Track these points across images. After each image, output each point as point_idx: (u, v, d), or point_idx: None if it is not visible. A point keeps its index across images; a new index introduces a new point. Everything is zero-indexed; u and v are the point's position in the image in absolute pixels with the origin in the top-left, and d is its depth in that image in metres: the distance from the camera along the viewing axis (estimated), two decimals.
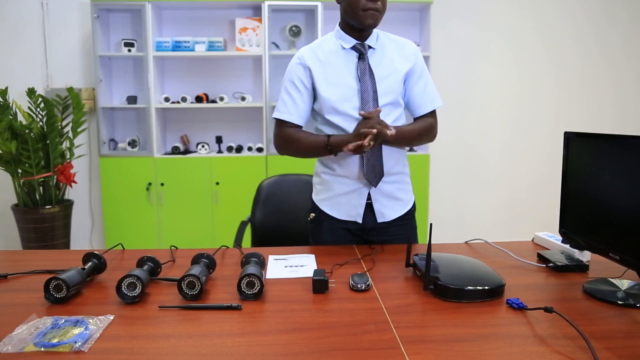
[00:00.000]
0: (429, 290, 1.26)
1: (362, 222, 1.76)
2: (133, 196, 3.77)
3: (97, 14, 3.66)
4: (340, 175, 1.75)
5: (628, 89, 4.30)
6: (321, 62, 1.72)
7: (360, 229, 1.78)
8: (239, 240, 2.12)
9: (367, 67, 1.69)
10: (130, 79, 4.00)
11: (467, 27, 4.11)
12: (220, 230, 3.80)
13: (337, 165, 1.75)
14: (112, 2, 3.70)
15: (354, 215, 1.77)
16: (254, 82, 4.02)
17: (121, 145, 3.91)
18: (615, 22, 4.24)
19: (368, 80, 1.68)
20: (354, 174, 1.73)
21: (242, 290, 1.23)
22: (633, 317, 1.14)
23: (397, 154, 1.77)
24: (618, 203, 1.30)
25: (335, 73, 1.71)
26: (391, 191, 1.77)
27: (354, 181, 1.74)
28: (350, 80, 1.69)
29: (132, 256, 1.58)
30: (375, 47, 1.73)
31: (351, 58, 1.71)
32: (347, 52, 1.72)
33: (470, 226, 4.31)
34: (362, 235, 1.80)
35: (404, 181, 1.82)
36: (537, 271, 1.48)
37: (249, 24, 3.80)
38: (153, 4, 3.69)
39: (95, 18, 3.64)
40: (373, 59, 1.72)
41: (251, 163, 3.81)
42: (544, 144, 4.10)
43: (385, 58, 1.73)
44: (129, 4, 3.72)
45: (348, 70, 1.70)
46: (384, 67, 1.71)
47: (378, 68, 1.70)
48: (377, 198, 1.75)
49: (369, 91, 1.67)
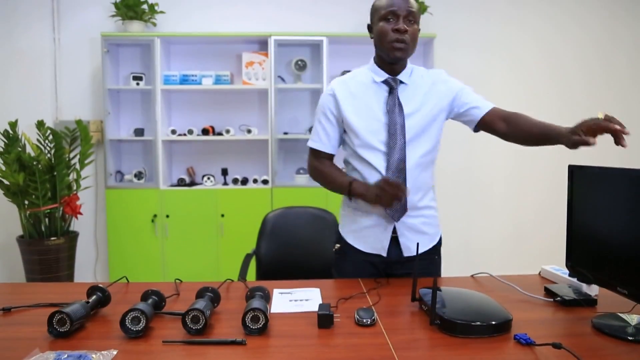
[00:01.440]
0: (435, 325, 1.25)
1: (387, 255, 1.76)
2: (138, 228, 3.77)
3: (107, 49, 3.74)
4: (366, 210, 1.76)
5: (635, 117, 4.32)
6: (352, 94, 1.75)
7: (384, 262, 1.77)
8: (244, 273, 2.11)
9: (397, 102, 1.70)
10: (138, 112, 4.06)
11: (470, 57, 4.16)
12: (225, 262, 3.78)
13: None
14: (122, 37, 3.79)
15: (379, 249, 1.76)
16: (260, 115, 4.07)
17: (127, 177, 3.94)
18: (619, 47, 4.28)
19: (397, 115, 1.69)
20: (378, 209, 1.73)
21: (247, 325, 1.22)
22: None
23: (424, 188, 1.76)
24: (624, 236, 1.30)
25: (364, 105, 1.73)
26: (417, 225, 1.76)
27: (378, 214, 1.74)
28: (379, 113, 1.71)
29: (136, 289, 1.57)
30: (408, 82, 1.74)
31: (381, 92, 1.73)
32: (379, 85, 1.74)
33: (476, 258, 4.27)
34: (385, 269, 1.79)
35: (430, 215, 1.81)
36: (545, 305, 1.46)
37: (256, 58, 3.87)
38: (162, 38, 3.77)
39: (105, 52, 3.72)
40: (404, 93, 1.73)
41: (256, 195, 3.82)
42: (550, 173, 4.10)
43: (417, 94, 1.73)
44: (138, 39, 3.81)
45: (377, 104, 1.72)
46: (414, 102, 1.72)
47: (408, 103, 1.71)
48: (403, 232, 1.74)
49: (397, 126, 1.68)
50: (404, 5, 1.64)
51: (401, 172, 1.68)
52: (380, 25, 1.67)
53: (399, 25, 1.63)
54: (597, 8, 4.25)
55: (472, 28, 4.18)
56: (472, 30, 4.18)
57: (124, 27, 3.82)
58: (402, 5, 1.64)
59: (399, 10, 1.64)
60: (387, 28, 1.65)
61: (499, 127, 1.71)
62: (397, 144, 1.67)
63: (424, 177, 1.75)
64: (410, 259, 1.74)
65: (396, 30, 1.64)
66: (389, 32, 1.65)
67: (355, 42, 3.98)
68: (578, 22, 4.25)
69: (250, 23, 4.02)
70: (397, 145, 1.67)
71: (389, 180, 1.58)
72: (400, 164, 1.67)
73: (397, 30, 1.63)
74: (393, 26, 1.64)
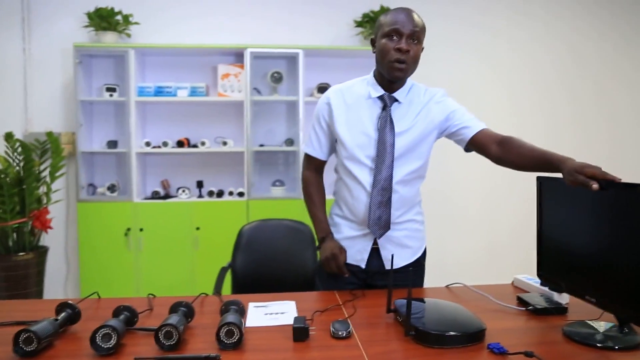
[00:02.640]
0: (410, 336, 1.26)
1: (365, 267, 1.77)
2: (111, 242, 3.70)
3: (79, 60, 3.69)
4: (349, 219, 1.78)
5: (594, 133, 4.44)
6: (346, 105, 1.75)
7: (364, 272, 1.78)
8: (219, 287, 2.08)
9: (389, 120, 1.69)
10: (112, 124, 4.00)
11: (445, 74, 4.22)
12: (201, 276, 3.73)
13: (347, 210, 1.78)
14: (95, 48, 3.74)
15: (358, 260, 1.77)
16: (236, 127, 4.05)
17: (100, 190, 3.87)
18: (600, 65, 4.41)
19: (387, 133, 1.68)
20: (361, 220, 1.74)
21: (221, 340, 1.21)
22: None
23: (409, 204, 1.78)
24: (591, 246, 1.33)
25: (356, 118, 1.73)
26: (399, 238, 1.78)
27: (361, 226, 1.75)
28: (370, 129, 1.71)
29: (108, 305, 1.54)
30: (403, 100, 1.72)
31: (375, 107, 1.73)
32: (374, 100, 1.73)
33: (451, 270, 4.29)
34: (366, 279, 1.80)
35: (414, 229, 1.82)
36: (517, 314, 1.48)
37: (231, 70, 3.87)
38: (136, 50, 3.74)
39: (77, 63, 3.67)
40: (397, 112, 1.72)
41: (232, 208, 3.79)
42: (522, 185, 4.17)
43: (411, 112, 1.72)
44: (112, 50, 3.77)
45: (369, 119, 1.72)
46: (406, 121, 1.71)
47: (400, 122, 1.71)
48: (384, 245, 1.76)
49: (386, 144, 1.68)
50: (408, 24, 1.61)
51: (386, 190, 1.69)
52: (383, 42, 1.64)
53: (401, 45, 1.60)
54: (573, 19, 4.39)
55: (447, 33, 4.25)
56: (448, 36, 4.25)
57: (97, 37, 3.78)
58: (406, 24, 1.61)
59: (403, 28, 1.60)
60: (389, 46, 1.62)
61: (493, 151, 1.67)
62: (385, 162, 1.68)
63: (409, 192, 1.76)
64: (395, 271, 1.74)
65: (398, 49, 1.61)
66: (390, 50, 1.62)
67: (332, 55, 4.02)
68: (556, 33, 4.37)
69: (226, 35, 4.02)
70: (385, 163, 1.68)
71: (339, 259, 1.70)
72: (386, 182, 1.69)
73: (399, 50, 1.61)
74: (395, 45, 1.61)
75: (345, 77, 1.92)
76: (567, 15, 4.37)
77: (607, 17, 4.42)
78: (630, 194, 1.20)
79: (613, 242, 1.25)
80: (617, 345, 1.20)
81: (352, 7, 4.03)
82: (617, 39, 4.43)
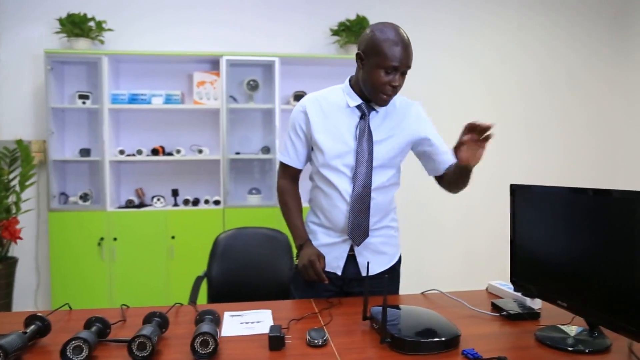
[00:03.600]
0: (385, 343, 1.26)
1: (342, 274, 1.77)
2: (84, 252, 3.62)
3: (51, 66, 3.63)
4: (326, 227, 1.79)
5: (573, 139, 4.55)
6: (323, 113, 1.75)
7: (341, 279, 1.78)
8: (194, 296, 2.06)
9: (367, 129, 1.70)
10: (84, 132, 3.93)
11: (429, 77, 4.26)
12: (176, 286, 3.68)
13: (324, 217, 1.78)
14: (67, 55, 3.68)
15: (334, 267, 1.77)
16: (211, 135, 4.03)
17: (72, 199, 3.80)
18: (560, 73, 4.52)
19: (365, 142, 1.70)
20: (339, 227, 1.75)
21: (196, 350, 1.19)
22: None
23: (385, 209, 1.80)
24: (562, 252, 1.36)
25: (334, 127, 1.73)
26: (375, 245, 1.79)
27: (338, 233, 1.76)
28: (348, 138, 1.72)
29: (79, 317, 1.51)
30: (380, 110, 1.75)
31: (353, 117, 1.73)
32: (352, 110, 1.73)
33: (428, 277, 4.34)
34: (343, 286, 1.80)
35: (389, 235, 1.84)
36: (491, 320, 1.50)
37: (207, 77, 3.85)
38: (110, 57, 3.69)
39: (49, 70, 3.60)
40: (375, 121, 1.73)
41: (208, 216, 3.75)
42: (498, 195, 4.24)
43: (388, 123, 1.75)
44: (85, 57, 3.71)
45: (347, 128, 1.72)
46: (384, 130, 1.74)
47: (377, 130, 1.72)
48: (361, 251, 1.77)
49: (364, 153, 1.69)
50: (405, 62, 1.61)
51: (365, 198, 1.70)
52: (377, 72, 1.62)
53: (395, 82, 1.62)
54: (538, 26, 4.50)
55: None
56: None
57: (70, 44, 3.72)
58: (404, 61, 1.61)
59: (401, 66, 1.61)
60: (383, 80, 1.62)
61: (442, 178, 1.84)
62: (364, 171, 1.69)
63: (385, 199, 1.78)
64: (370, 277, 1.75)
65: (391, 85, 1.62)
66: (384, 85, 1.62)
67: (308, 63, 4.03)
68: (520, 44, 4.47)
69: (202, 42, 4.00)
70: (364, 172, 1.69)
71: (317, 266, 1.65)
72: (365, 190, 1.70)
73: (392, 85, 1.63)
74: (390, 80, 1.62)
75: (321, 85, 1.92)
76: (543, 19, 4.49)
77: (580, 19, 4.55)
78: (600, 200, 1.24)
79: (583, 248, 1.28)
80: (588, 348, 1.23)
81: (329, 16, 4.07)
82: (588, 40, 4.56)
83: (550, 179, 4.41)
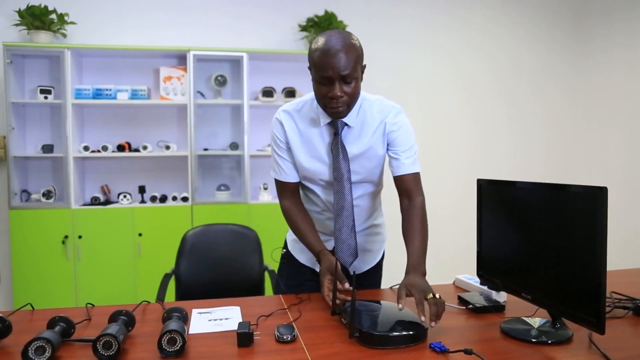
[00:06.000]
0: (354, 338, 1.27)
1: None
2: (47, 251, 3.52)
3: (10, 60, 3.50)
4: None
5: (534, 137, 4.68)
6: (299, 130, 1.67)
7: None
8: (162, 294, 2.03)
9: (340, 147, 1.62)
10: (47, 127, 3.81)
11: (397, 72, 4.30)
12: (143, 284, 3.62)
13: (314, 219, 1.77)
14: (28, 48, 3.56)
15: (314, 263, 1.78)
16: (179, 131, 3.97)
17: (35, 196, 3.68)
18: (522, 74, 4.63)
19: (341, 160, 1.63)
20: (326, 229, 1.77)
21: (163, 348, 1.18)
22: (545, 354, 1.20)
23: (369, 212, 1.80)
24: (525, 246, 1.40)
25: (310, 144, 1.67)
26: (360, 243, 1.78)
27: (321, 232, 1.76)
28: (323, 154, 1.66)
29: (42, 317, 1.47)
30: (353, 124, 1.63)
31: (326, 133, 1.65)
32: (326, 127, 1.64)
33: (397, 272, 4.39)
34: None
35: (374, 233, 1.86)
36: (458, 313, 1.53)
37: (174, 72, 3.79)
38: (73, 50, 3.59)
39: (8, 63, 3.48)
40: (349, 137, 1.64)
41: (176, 213, 3.70)
42: (466, 190, 4.32)
43: (363, 135, 1.64)
44: (46, 50, 3.60)
45: (322, 145, 1.66)
46: (360, 144, 1.64)
47: (354, 145, 1.64)
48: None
49: (342, 170, 1.63)
50: (337, 70, 1.45)
51: (349, 216, 1.67)
52: (317, 86, 1.53)
53: (334, 93, 1.48)
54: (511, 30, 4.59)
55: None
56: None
57: (30, 37, 3.60)
58: (336, 69, 1.45)
59: (333, 75, 1.46)
60: (322, 91, 1.51)
61: (401, 202, 1.70)
62: (345, 188, 1.64)
63: (370, 204, 1.79)
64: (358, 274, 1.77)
65: (331, 97, 1.50)
66: (324, 97, 1.52)
67: (276, 59, 4.00)
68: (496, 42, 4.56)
69: (169, 37, 3.93)
70: (345, 190, 1.64)
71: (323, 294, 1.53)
72: (348, 210, 1.67)
73: (331, 97, 1.50)
74: (328, 92, 1.50)
75: (290, 81, 1.92)
76: (505, 22, 4.58)
77: (540, 22, 4.66)
78: (558, 195, 1.28)
79: (545, 242, 1.32)
80: (550, 339, 1.27)
81: (297, 12, 4.05)
82: (550, 42, 4.68)
83: (511, 174, 4.52)
